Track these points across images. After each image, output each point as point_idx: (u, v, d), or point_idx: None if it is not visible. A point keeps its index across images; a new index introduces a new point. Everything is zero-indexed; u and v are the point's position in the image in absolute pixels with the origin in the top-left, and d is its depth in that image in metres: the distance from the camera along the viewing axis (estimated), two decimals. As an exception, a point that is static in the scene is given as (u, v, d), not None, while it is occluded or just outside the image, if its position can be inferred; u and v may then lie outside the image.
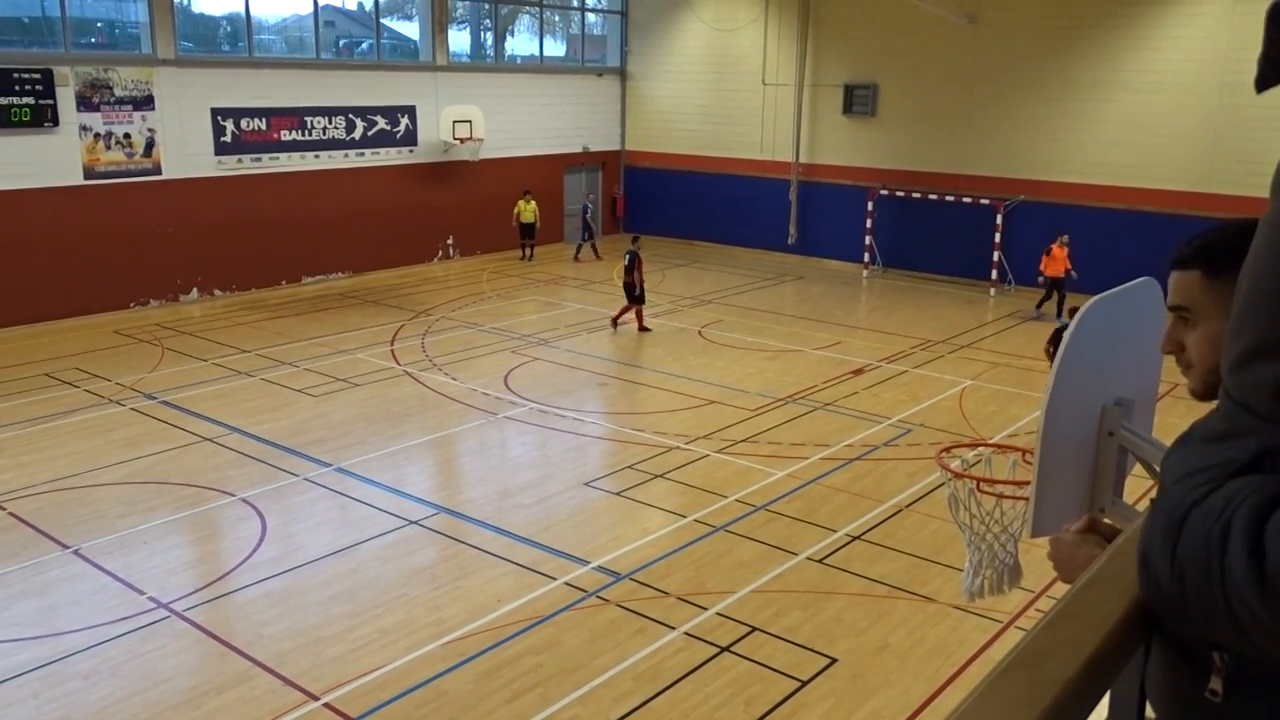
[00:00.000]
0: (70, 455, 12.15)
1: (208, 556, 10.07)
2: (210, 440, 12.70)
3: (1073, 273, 19.09)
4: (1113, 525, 1.90)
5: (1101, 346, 3.00)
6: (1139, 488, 2.44)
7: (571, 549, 9.90)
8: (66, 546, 9.84)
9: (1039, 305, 19.82)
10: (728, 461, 12.25)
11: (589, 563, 9.62)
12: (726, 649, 8.19)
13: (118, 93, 18.62)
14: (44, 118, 17.70)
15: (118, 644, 8.21)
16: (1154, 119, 20.04)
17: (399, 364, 16.17)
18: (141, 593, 9.03)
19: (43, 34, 18.77)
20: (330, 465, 11.95)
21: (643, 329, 18.32)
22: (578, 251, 25.02)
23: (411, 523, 10.48)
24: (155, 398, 14.29)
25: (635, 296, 18.16)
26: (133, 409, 13.85)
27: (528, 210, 24.40)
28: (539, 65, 26.99)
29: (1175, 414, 4.43)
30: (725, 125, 26.27)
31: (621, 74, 28.07)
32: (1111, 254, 19.79)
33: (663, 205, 27.41)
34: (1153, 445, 3.00)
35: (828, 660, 7.99)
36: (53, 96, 17.78)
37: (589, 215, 25.32)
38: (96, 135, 18.46)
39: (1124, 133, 20.43)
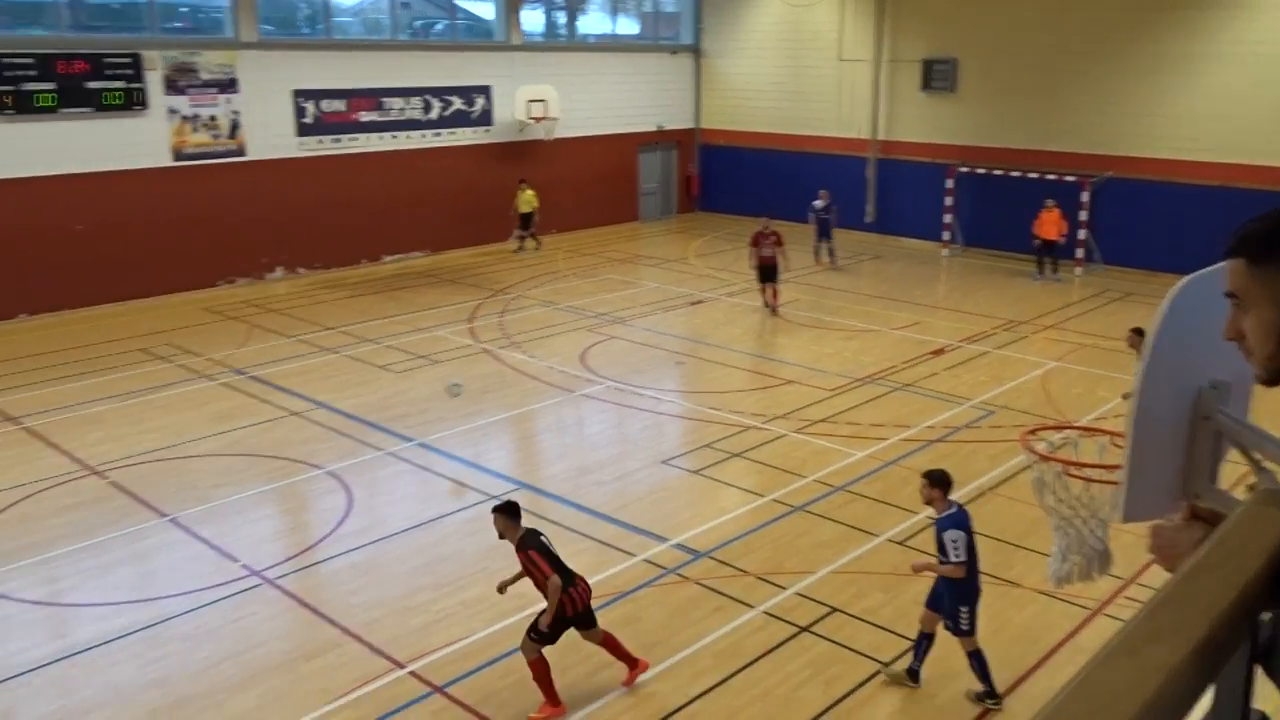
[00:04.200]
0: (165, 428, 12.60)
1: (297, 527, 10.39)
2: (297, 415, 13.05)
3: (1063, 237, 20.67)
4: (1214, 510, 1.87)
5: (1195, 327, 2.93)
6: (1233, 473, 2.42)
7: (650, 526, 10.00)
8: (164, 514, 10.24)
9: (1040, 270, 20.89)
10: (806, 441, 12.21)
11: (667, 540, 9.71)
12: (806, 629, 8.21)
13: (203, 76, 19.11)
14: (134, 101, 18.27)
15: (214, 609, 8.54)
16: (1249, 92, 19.32)
17: (478, 341, 16.40)
18: (235, 560, 9.36)
19: (130, 19, 19.36)
20: (412, 440, 12.20)
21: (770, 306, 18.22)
22: (817, 254, 22.17)
23: (492, 498, 10.64)
24: (244, 373, 14.72)
25: (771, 274, 17.97)
26: (223, 384, 14.29)
27: (524, 200, 23.09)
28: (612, 43, 26.98)
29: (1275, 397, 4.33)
30: (801, 102, 25.99)
31: (695, 51, 27.91)
32: (1204, 232, 19.17)
33: (738, 184, 27.27)
34: (1249, 430, 2.94)
35: (909, 643, 7.94)
36: (141, 80, 18.33)
37: (826, 212, 22.01)
38: (184, 118, 18.98)
39: (1217, 106, 19.74)
